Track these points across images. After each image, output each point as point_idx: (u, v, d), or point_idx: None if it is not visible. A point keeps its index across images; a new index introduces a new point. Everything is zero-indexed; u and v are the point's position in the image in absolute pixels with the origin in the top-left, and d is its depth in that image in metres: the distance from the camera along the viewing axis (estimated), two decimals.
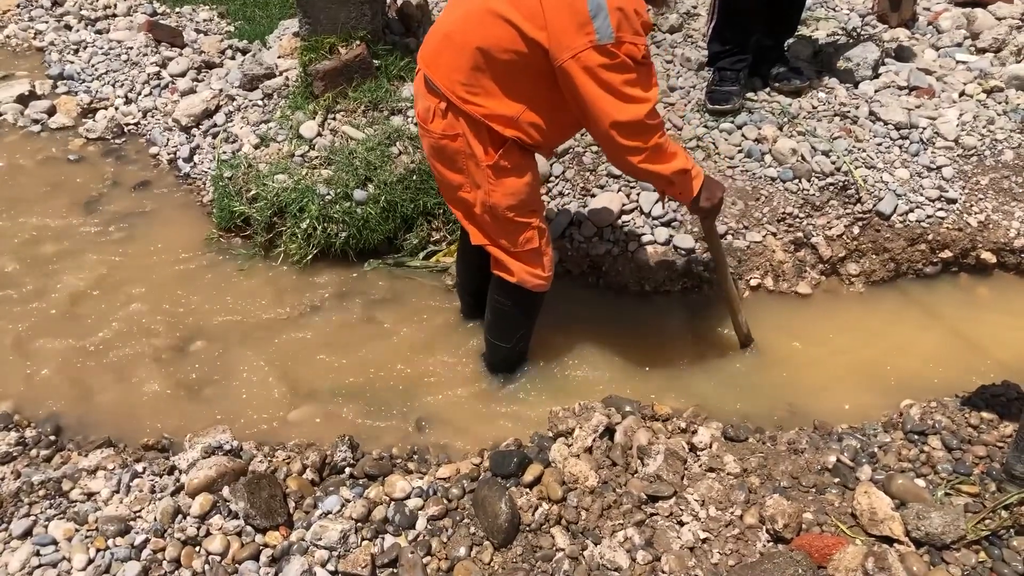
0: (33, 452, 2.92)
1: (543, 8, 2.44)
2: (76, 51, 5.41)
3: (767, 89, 4.40)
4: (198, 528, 2.48)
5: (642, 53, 2.49)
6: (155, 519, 2.50)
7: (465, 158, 2.79)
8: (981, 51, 4.67)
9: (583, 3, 2.39)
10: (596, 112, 2.54)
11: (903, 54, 4.61)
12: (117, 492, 2.64)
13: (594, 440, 2.79)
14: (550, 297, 3.19)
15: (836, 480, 2.64)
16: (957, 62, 4.57)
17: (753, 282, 3.76)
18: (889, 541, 2.38)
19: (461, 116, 2.71)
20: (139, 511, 2.54)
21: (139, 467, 2.74)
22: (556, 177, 4.07)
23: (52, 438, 3.03)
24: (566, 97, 2.60)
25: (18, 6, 6.08)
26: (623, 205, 3.88)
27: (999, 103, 4.28)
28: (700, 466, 2.70)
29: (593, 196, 3.95)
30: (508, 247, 2.95)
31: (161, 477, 2.70)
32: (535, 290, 3.04)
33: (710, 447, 2.79)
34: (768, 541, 2.42)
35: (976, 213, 3.85)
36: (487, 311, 3.29)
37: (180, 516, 2.52)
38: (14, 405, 3.26)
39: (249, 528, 2.49)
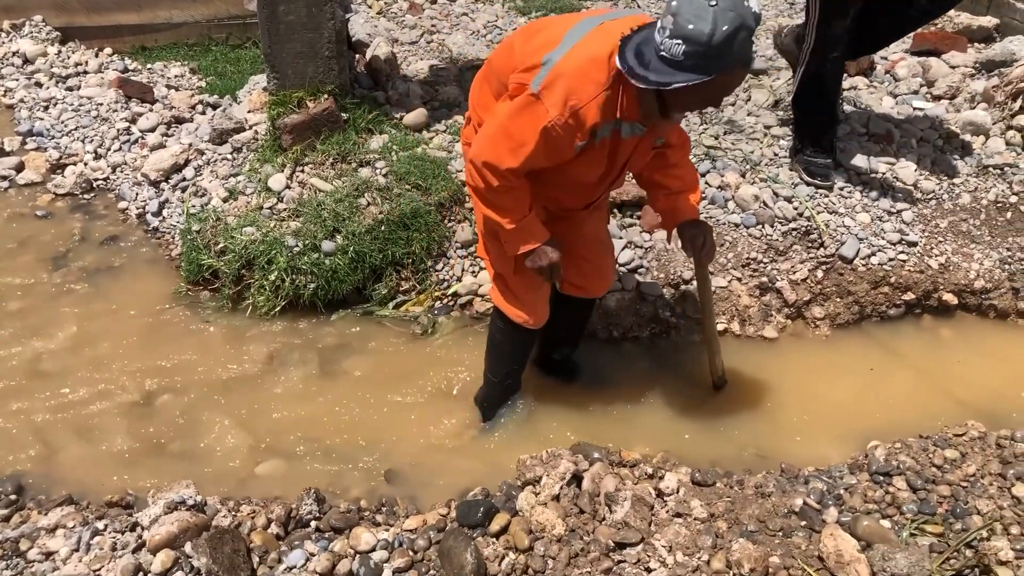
0: None
1: (535, 38, 2.58)
2: (46, 107, 5.42)
3: (796, 174, 4.21)
4: None
5: (543, 123, 2.42)
6: None
7: None
8: (937, 98, 4.79)
9: (548, 51, 2.47)
10: (485, 122, 2.69)
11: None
12: (77, 550, 2.59)
13: (561, 488, 2.78)
14: None
15: (803, 523, 2.64)
16: (914, 109, 4.68)
17: (720, 327, 3.78)
18: None
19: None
20: (98, 570, 2.49)
21: (100, 524, 2.70)
22: None
23: (12, 497, 2.98)
24: None
25: None
26: None
27: (955, 148, 4.38)
28: (667, 512, 2.69)
29: None
30: (496, 271, 3.03)
31: (123, 534, 2.66)
32: (517, 322, 3.08)
33: (677, 492, 2.79)
34: None
35: (936, 255, 3.92)
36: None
37: (141, 574, 2.47)
38: None
39: None
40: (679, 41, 2.20)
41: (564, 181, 2.75)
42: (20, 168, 4.98)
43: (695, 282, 3.50)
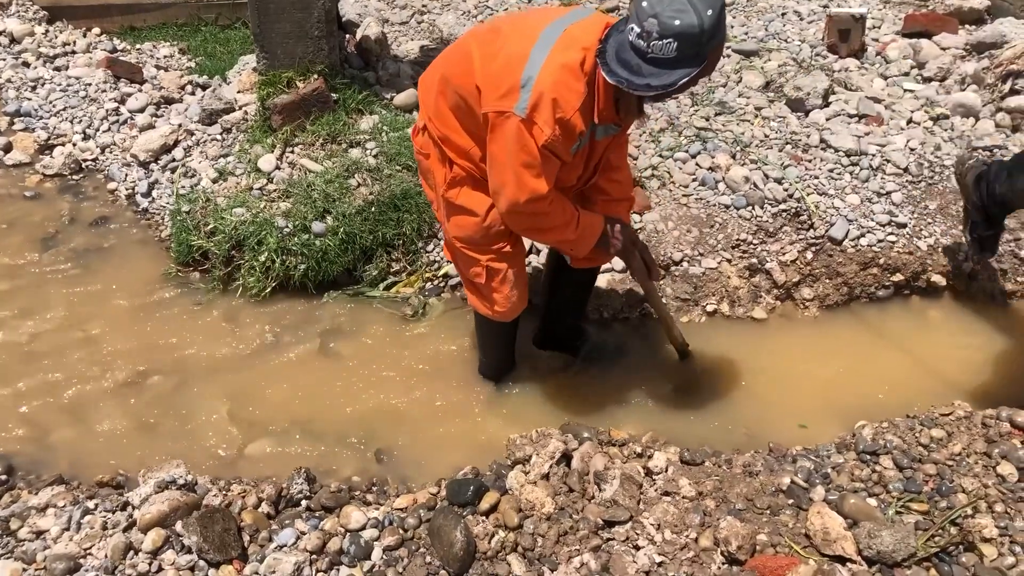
0: None
1: (498, 55, 2.49)
2: (34, 88, 5.38)
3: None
4: (150, 564, 2.44)
5: (542, 141, 2.42)
6: (106, 556, 2.47)
7: (432, 178, 2.90)
8: (927, 80, 4.79)
9: (520, 70, 2.41)
10: (492, 172, 2.59)
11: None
12: (67, 529, 2.60)
13: (551, 467, 2.80)
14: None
15: (790, 501, 2.67)
16: (905, 91, 4.68)
17: (709, 308, 3.80)
18: (842, 560, 2.40)
19: (432, 138, 2.80)
20: (89, 548, 2.50)
21: (91, 504, 2.71)
22: None
23: (3, 477, 2.98)
24: None
25: None
26: None
27: (945, 130, 4.39)
28: (656, 490, 2.71)
29: None
30: (461, 272, 3.05)
31: (114, 513, 2.66)
32: (480, 312, 3.11)
33: (666, 471, 2.81)
34: (723, 563, 2.44)
35: (926, 237, 3.94)
36: None
37: (132, 552, 2.48)
38: None
39: (202, 562, 2.46)
40: (670, 40, 2.18)
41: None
42: (8, 149, 4.95)
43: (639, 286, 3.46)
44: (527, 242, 3.53)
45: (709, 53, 2.25)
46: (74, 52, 5.81)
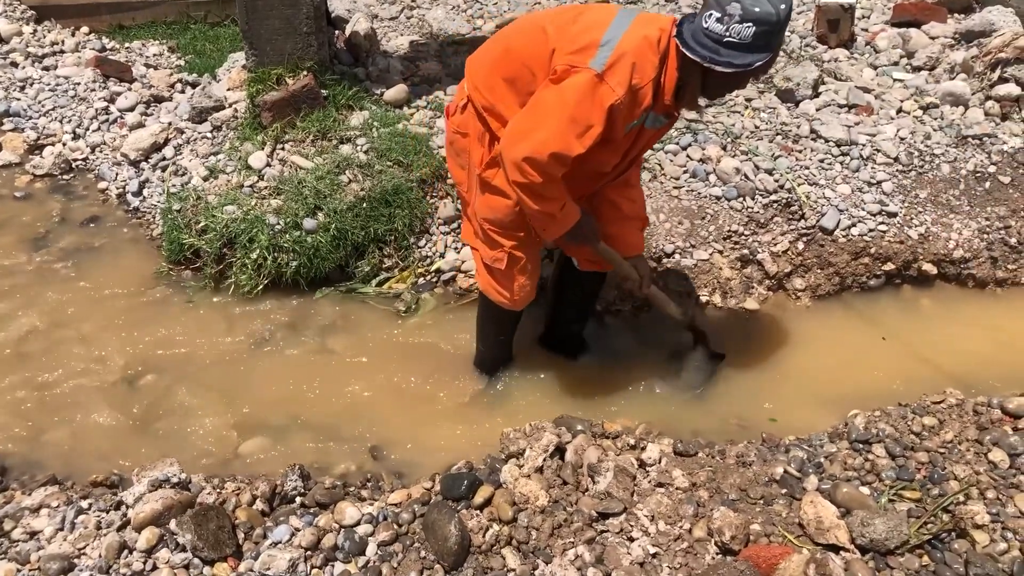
0: None
1: (577, 21, 2.56)
2: (22, 88, 5.35)
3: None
4: (144, 562, 2.44)
5: (610, 102, 2.45)
6: (100, 555, 2.46)
7: (467, 157, 2.91)
8: (916, 69, 4.80)
9: (601, 32, 2.48)
10: (529, 114, 2.57)
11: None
12: (61, 529, 2.59)
13: (545, 460, 2.80)
14: None
15: (783, 491, 2.68)
16: (894, 80, 4.69)
17: (702, 299, 3.81)
18: (835, 549, 2.41)
19: (475, 117, 2.81)
20: (83, 548, 2.50)
21: (84, 503, 2.70)
22: None
23: None
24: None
25: None
26: None
27: (935, 119, 4.40)
28: (649, 482, 2.72)
29: None
30: (482, 255, 3.04)
31: (108, 513, 2.66)
32: (497, 303, 3.10)
33: (659, 462, 2.82)
34: (717, 553, 2.44)
35: (916, 226, 3.95)
36: None
37: (126, 551, 2.48)
38: None
39: (196, 560, 2.46)
40: (749, 24, 2.34)
41: (581, 171, 2.72)
42: None
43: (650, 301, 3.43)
44: None
45: (775, 45, 2.41)
46: (63, 51, 5.79)
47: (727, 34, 2.37)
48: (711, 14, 2.38)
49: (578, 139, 2.50)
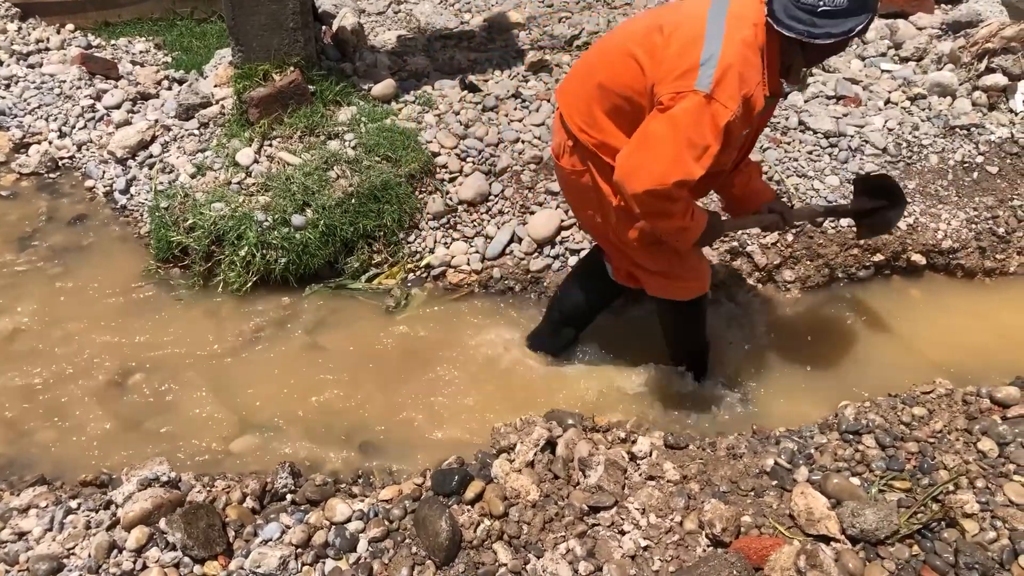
0: None
1: (669, 44, 2.49)
2: (7, 86, 5.32)
3: None
4: (134, 562, 2.43)
5: (725, 120, 2.41)
6: (89, 555, 2.45)
7: (594, 193, 2.85)
8: (904, 60, 4.81)
9: (698, 50, 2.41)
10: (642, 148, 2.51)
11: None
12: (50, 530, 2.58)
13: (536, 454, 2.79)
14: (491, 313, 3.21)
15: (774, 482, 2.67)
16: (882, 71, 4.70)
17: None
18: (826, 540, 2.41)
19: (586, 153, 2.76)
20: (73, 548, 2.49)
21: (73, 503, 2.69)
22: (495, 196, 4.09)
23: None
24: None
25: None
26: (561, 221, 3.91)
27: (922, 110, 4.40)
28: (640, 475, 2.72)
29: (532, 213, 3.98)
30: (653, 269, 3.00)
31: (97, 512, 2.65)
32: (683, 298, 3.08)
33: (650, 455, 2.81)
34: (708, 545, 2.44)
35: (905, 217, 3.95)
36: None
37: (115, 551, 2.47)
38: None
39: (187, 559, 2.45)
40: None
41: (703, 178, 2.63)
42: None
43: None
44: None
45: (873, 4, 2.37)
46: (48, 49, 5.76)
47: (821, 3, 2.32)
48: None
49: (697, 162, 2.46)
